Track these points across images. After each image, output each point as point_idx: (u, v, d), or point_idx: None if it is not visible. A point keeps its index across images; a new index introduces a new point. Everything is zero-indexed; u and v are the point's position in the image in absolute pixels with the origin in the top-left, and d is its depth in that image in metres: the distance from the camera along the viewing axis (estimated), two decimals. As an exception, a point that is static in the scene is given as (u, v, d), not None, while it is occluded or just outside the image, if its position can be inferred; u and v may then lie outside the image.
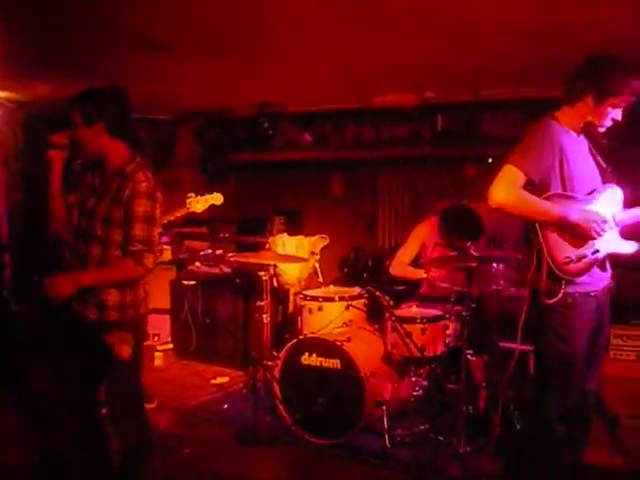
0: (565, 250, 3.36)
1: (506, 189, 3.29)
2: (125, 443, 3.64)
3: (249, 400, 5.32)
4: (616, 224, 3.43)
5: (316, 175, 8.05)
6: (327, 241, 6.86)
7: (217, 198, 5.01)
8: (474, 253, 4.49)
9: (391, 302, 5.10)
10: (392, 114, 7.06)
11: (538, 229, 3.37)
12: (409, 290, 5.80)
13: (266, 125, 7.45)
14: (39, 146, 6.72)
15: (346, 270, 7.27)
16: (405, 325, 4.81)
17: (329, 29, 4.15)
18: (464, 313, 4.65)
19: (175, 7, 3.74)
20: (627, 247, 3.49)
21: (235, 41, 4.46)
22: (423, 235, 5.62)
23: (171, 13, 3.84)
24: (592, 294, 3.41)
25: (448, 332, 4.91)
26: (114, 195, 3.43)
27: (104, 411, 3.93)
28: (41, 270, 3.89)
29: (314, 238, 6.94)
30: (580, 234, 3.33)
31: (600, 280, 3.46)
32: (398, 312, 5.00)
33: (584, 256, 3.34)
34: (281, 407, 5.03)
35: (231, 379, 6.50)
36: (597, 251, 3.36)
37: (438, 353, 4.86)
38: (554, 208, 3.33)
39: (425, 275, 5.51)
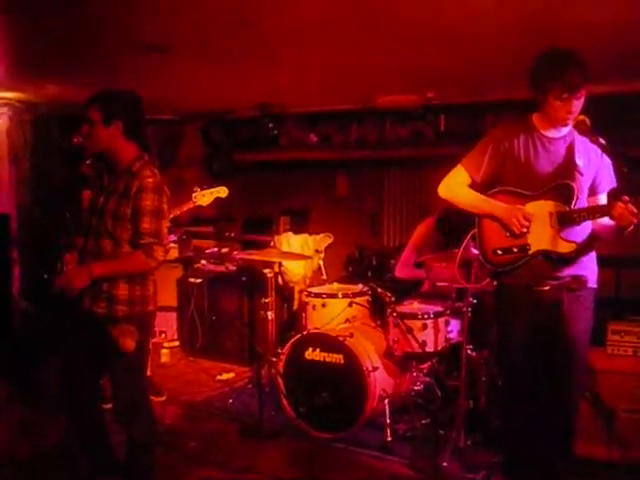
0: (495, 242, 3.57)
1: (448, 185, 3.71)
2: (130, 436, 3.72)
3: (254, 396, 5.42)
4: (559, 222, 3.44)
5: (321, 175, 8.12)
6: (331, 239, 6.94)
7: (222, 191, 5.12)
8: (474, 250, 4.57)
9: (393, 298, 5.16)
10: (395, 114, 7.15)
11: (476, 222, 3.68)
12: (412, 288, 5.88)
13: (271, 125, 7.54)
14: (48, 146, 6.89)
15: (351, 269, 7.33)
16: (406, 321, 4.89)
17: (329, 32, 4.19)
18: (464, 309, 4.75)
19: (175, 12, 3.79)
20: (563, 247, 3.44)
21: (233, 43, 4.50)
22: (423, 233, 5.72)
23: (172, 17, 3.90)
24: (532, 288, 3.51)
25: (449, 328, 5.00)
26: (122, 192, 3.51)
27: (109, 406, 4.05)
28: (50, 268, 3.99)
29: (319, 236, 7.03)
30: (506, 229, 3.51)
31: (546, 277, 3.51)
32: (399, 308, 5.08)
33: (510, 250, 3.50)
34: (285, 401, 5.11)
35: (236, 375, 6.59)
36: (526, 246, 3.47)
37: (439, 348, 4.93)
38: (485, 203, 3.60)
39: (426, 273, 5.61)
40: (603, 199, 3.58)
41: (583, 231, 3.50)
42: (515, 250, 3.49)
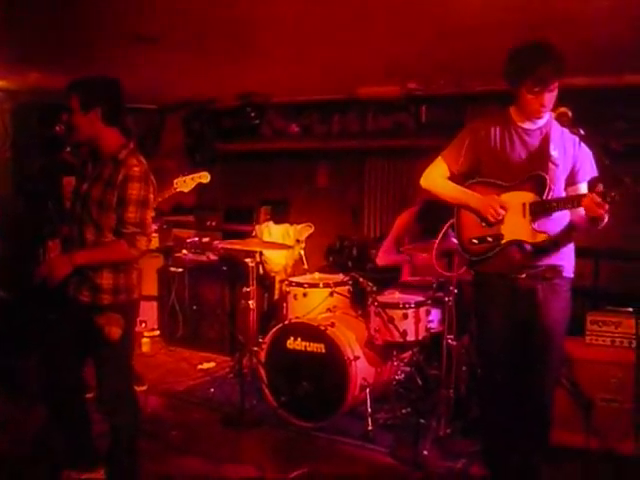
0: (471, 231, 3.64)
1: (428, 176, 3.77)
2: (114, 426, 3.71)
3: (235, 385, 5.43)
4: (531, 213, 3.47)
5: (302, 165, 8.12)
6: (312, 229, 6.95)
7: (204, 176, 5.05)
8: (454, 240, 4.60)
9: (374, 288, 5.20)
10: (377, 105, 7.16)
11: (455, 211, 3.75)
12: (393, 278, 5.92)
13: (252, 115, 7.53)
14: (29, 135, 6.82)
15: (331, 259, 7.34)
16: (387, 310, 4.92)
17: (312, 24, 4.19)
18: (445, 299, 4.79)
19: (161, 2, 3.80)
20: (536, 237, 3.46)
21: (219, 34, 4.49)
22: (404, 223, 5.75)
23: (157, 7, 3.89)
24: (507, 277, 3.55)
25: (430, 318, 5.03)
26: (107, 180, 3.49)
27: (90, 395, 4.04)
28: (31, 257, 3.97)
29: (300, 226, 7.04)
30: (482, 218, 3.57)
31: (521, 266, 3.54)
32: (381, 298, 5.11)
33: (485, 239, 3.57)
34: (266, 390, 5.13)
35: (217, 364, 6.60)
36: (499, 236, 3.52)
37: (420, 338, 4.97)
38: (462, 194, 3.67)
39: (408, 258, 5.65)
40: (583, 188, 3.56)
41: (558, 221, 3.53)
42: (489, 239, 3.56)
